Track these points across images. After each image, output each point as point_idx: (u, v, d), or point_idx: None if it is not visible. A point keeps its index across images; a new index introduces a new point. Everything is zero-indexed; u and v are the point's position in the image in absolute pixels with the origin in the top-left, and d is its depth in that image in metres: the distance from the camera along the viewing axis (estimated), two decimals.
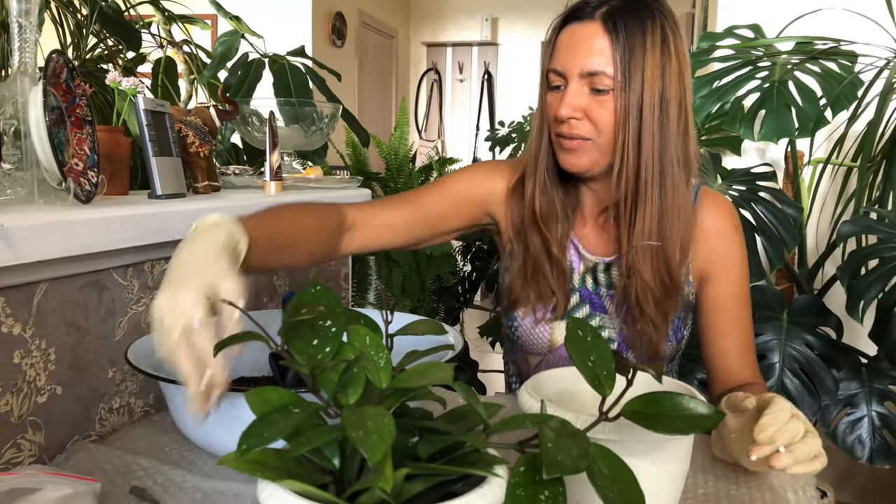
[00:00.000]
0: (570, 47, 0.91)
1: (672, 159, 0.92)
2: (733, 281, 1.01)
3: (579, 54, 0.90)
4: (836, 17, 2.14)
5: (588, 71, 0.90)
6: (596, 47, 0.89)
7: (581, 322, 0.57)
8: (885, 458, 1.64)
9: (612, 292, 1.02)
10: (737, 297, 1.02)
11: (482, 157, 6.10)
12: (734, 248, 1.02)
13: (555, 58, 0.93)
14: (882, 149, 1.91)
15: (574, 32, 0.92)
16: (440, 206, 1.05)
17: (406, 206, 1.03)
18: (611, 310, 1.02)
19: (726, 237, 1.01)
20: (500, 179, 1.07)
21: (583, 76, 0.91)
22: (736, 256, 1.02)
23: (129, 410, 1.00)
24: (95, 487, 0.67)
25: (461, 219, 1.07)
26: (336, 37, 4.85)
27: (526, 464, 0.45)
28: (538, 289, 1.01)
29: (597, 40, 0.89)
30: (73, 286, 0.89)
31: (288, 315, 0.51)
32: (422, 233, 1.04)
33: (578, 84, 0.91)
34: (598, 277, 1.03)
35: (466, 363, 2.06)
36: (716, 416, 0.50)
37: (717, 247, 1.01)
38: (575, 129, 0.92)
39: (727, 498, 0.78)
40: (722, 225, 1.01)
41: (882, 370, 1.69)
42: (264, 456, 0.45)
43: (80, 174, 0.92)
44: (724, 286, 1.01)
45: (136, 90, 1.07)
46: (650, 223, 0.93)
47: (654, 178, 0.92)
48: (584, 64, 0.90)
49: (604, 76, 0.89)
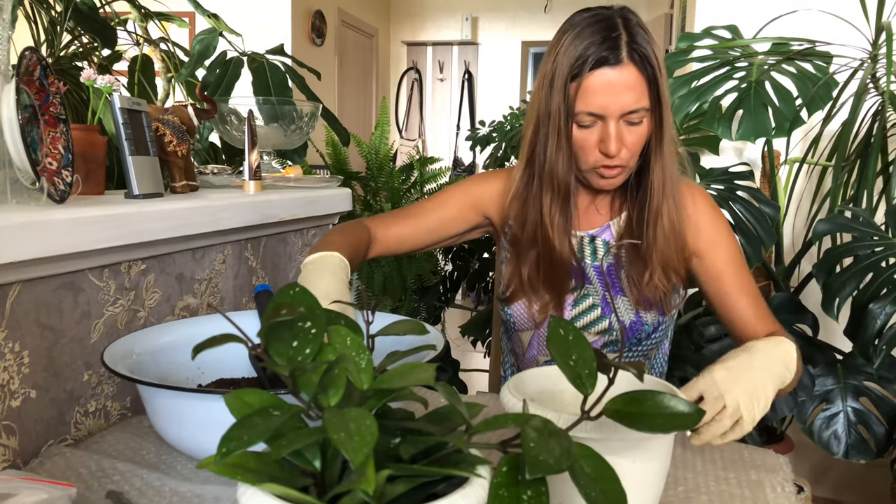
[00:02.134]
0: (609, 91, 0.96)
1: (673, 154, 1.05)
2: (725, 248, 1.09)
3: (619, 97, 0.96)
4: (811, 19, 2.17)
5: (630, 110, 0.97)
6: (633, 87, 0.96)
7: (562, 321, 0.57)
8: (860, 453, 1.67)
9: (597, 263, 1.11)
10: (734, 262, 1.09)
11: (463, 157, 6.10)
12: (717, 222, 1.10)
13: (588, 101, 0.97)
14: (856, 148, 1.94)
15: (608, 77, 0.95)
16: (441, 214, 1.17)
17: (412, 217, 1.17)
18: (594, 279, 1.11)
19: (707, 214, 1.10)
20: (491, 183, 1.18)
21: (623, 115, 0.97)
22: (721, 228, 1.10)
23: (106, 414, 0.99)
24: (71, 492, 0.66)
25: (461, 223, 1.19)
26: (316, 35, 4.82)
27: (508, 464, 0.45)
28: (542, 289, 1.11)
29: (632, 81, 0.96)
30: (47, 288, 0.87)
31: (267, 316, 0.50)
32: (429, 240, 1.18)
33: (616, 122, 0.98)
34: (583, 250, 1.12)
35: (448, 362, 2.06)
36: (696, 414, 0.50)
37: (701, 223, 1.09)
38: (617, 161, 1.00)
39: (707, 494, 0.79)
40: (701, 204, 1.10)
41: (857, 366, 1.72)
42: (244, 459, 0.45)
43: (54, 173, 0.91)
44: (718, 256, 1.09)
45: (112, 88, 1.06)
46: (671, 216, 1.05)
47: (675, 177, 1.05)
48: (625, 105, 0.96)
49: (643, 110, 0.97)
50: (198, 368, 0.94)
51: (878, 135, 1.80)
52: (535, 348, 1.16)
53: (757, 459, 0.89)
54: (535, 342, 1.15)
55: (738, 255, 1.10)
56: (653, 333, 1.10)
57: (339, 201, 1.54)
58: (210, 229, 1.12)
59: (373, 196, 2.01)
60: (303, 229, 1.50)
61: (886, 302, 1.44)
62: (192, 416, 0.74)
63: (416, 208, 1.19)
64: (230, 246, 1.26)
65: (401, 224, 1.16)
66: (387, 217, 1.17)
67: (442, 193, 1.20)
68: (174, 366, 0.91)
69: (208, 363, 0.95)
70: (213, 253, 1.21)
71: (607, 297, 1.10)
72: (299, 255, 1.49)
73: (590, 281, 1.11)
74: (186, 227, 1.07)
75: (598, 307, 1.10)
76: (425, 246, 1.19)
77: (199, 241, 1.14)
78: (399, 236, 1.15)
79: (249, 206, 1.22)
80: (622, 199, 1.11)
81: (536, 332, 1.14)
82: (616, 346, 1.11)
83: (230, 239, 1.24)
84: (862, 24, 1.94)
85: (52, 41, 1.77)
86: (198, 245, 1.15)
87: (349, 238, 1.05)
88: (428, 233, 1.17)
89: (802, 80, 1.81)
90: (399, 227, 1.16)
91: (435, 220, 1.17)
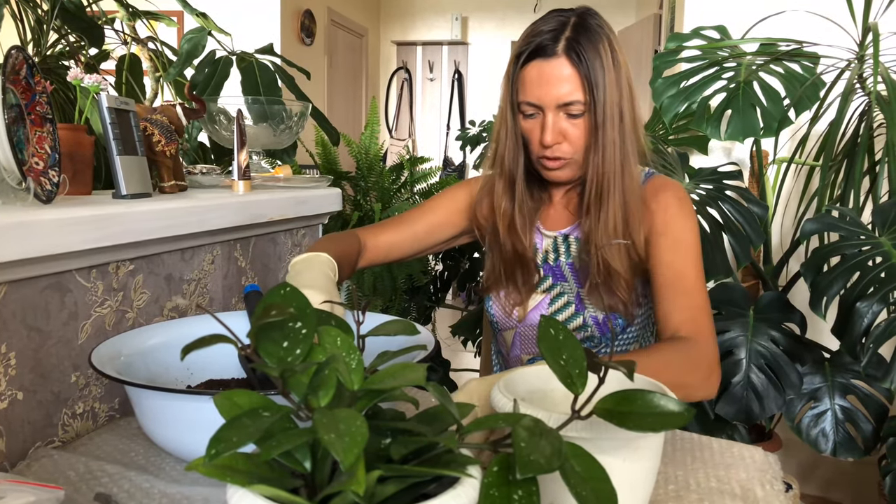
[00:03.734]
0: (542, 82, 1.00)
1: (629, 154, 1.04)
2: (671, 241, 1.03)
3: (552, 88, 1.00)
4: (799, 19, 2.18)
5: (564, 102, 1.00)
6: (566, 80, 0.99)
7: (552, 321, 0.57)
8: (848, 450, 1.68)
9: (571, 261, 1.13)
10: (677, 257, 1.02)
11: (453, 157, 6.10)
12: (675, 216, 1.05)
13: (527, 91, 1.02)
14: (843, 148, 1.96)
15: (542, 69, 1.00)
16: (428, 220, 1.20)
17: (401, 225, 1.19)
18: (569, 276, 1.13)
19: (663, 206, 1.06)
20: (475, 188, 1.20)
21: (559, 107, 1.01)
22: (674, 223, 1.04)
23: (94, 415, 0.98)
24: (59, 495, 0.65)
25: (450, 228, 1.22)
26: (305, 35, 4.81)
27: (499, 463, 0.45)
28: (509, 284, 1.15)
29: (566, 73, 0.99)
30: (34, 288, 0.87)
31: (257, 317, 0.50)
32: (417, 247, 1.21)
33: (555, 113, 1.01)
34: (558, 249, 1.14)
35: (438, 362, 2.06)
36: (686, 413, 0.50)
37: (657, 217, 1.06)
38: (557, 153, 1.03)
39: (697, 492, 0.79)
40: (663, 198, 1.07)
41: (844, 364, 1.73)
42: (234, 460, 0.44)
43: (41, 173, 0.90)
44: (661, 245, 1.04)
45: (99, 87, 1.05)
46: (615, 214, 1.04)
47: (617, 176, 1.03)
48: (558, 96, 1.00)
49: (578, 103, 1.00)
50: (187, 370, 0.94)
51: (864, 135, 1.81)
52: (517, 347, 1.17)
53: (746, 457, 0.89)
54: (518, 341, 1.17)
55: (685, 253, 1.03)
56: (627, 328, 1.11)
57: (329, 201, 1.54)
58: (199, 229, 1.12)
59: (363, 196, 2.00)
60: (292, 229, 1.50)
61: (873, 301, 1.45)
62: (181, 417, 0.73)
63: (405, 216, 1.21)
64: (219, 246, 1.25)
65: (389, 232, 1.18)
66: (375, 227, 1.20)
67: (429, 200, 1.23)
68: (163, 367, 0.90)
69: (197, 364, 0.95)
70: (202, 253, 1.21)
71: (581, 293, 1.11)
72: (289, 255, 1.49)
73: (565, 278, 1.13)
74: (175, 227, 1.06)
75: (573, 304, 1.12)
76: (415, 253, 1.22)
77: (187, 241, 1.14)
78: (388, 244, 1.17)
79: (239, 206, 1.22)
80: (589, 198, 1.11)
81: (517, 331, 1.16)
82: (592, 342, 1.12)
83: (219, 239, 1.24)
84: (849, 25, 1.96)
85: (38, 40, 1.75)
86: (187, 245, 1.15)
87: (339, 246, 1.06)
88: (416, 240, 1.19)
89: (790, 80, 1.83)
90: (388, 235, 1.18)
91: (423, 227, 1.19)
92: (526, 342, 1.17)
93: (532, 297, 1.14)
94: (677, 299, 1.00)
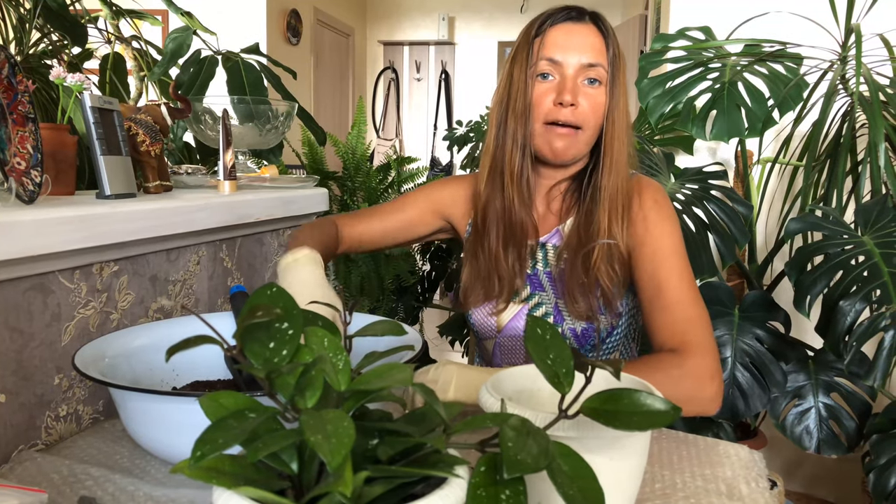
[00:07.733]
0: (570, 40, 1.01)
1: (628, 154, 1.05)
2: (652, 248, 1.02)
3: (580, 46, 1.01)
4: (782, 21, 2.20)
5: (588, 62, 1.01)
6: (593, 44, 1.01)
7: (540, 320, 0.57)
8: (831, 448, 1.70)
9: (549, 270, 1.10)
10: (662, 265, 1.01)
11: (440, 156, 6.10)
12: (649, 221, 1.03)
13: (550, 49, 1.02)
14: (826, 148, 1.98)
15: (571, 29, 1.02)
16: (402, 217, 1.19)
17: (375, 217, 1.19)
18: (547, 286, 1.11)
19: (642, 214, 1.04)
20: (454, 188, 1.20)
21: (582, 67, 1.01)
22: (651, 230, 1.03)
23: (77, 418, 0.97)
24: (43, 498, 0.65)
25: (422, 227, 1.21)
26: (291, 34, 4.79)
27: (486, 463, 0.45)
28: (487, 288, 1.11)
29: (594, 38, 1.02)
30: (16, 290, 0.86)
31: (243, 318, 0.50)
32: (388, 241, 1.20)
33: (575, 74, 1.01)
34: (535, 256, 1.12)
35: (426, 363, 2.06)
36: (673, 411, 0.50)
37: (636, 226, 1.04)
38: (570, 117, 1.01)
39: (683, 490, 0.79)
40: (641, 203, 1.05)
41: (827, 362, 1.75)
42: (219, 462, 0.44)
43: (23, 173, 0.89)
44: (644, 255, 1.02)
45: (82, 87, 1.04)
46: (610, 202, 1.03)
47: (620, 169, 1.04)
48: (584, 55, 1.01)
49: (601, 68, 1.01)
50: (172, 371, 0.93)
51: (847, 135, 1.83)
52: (498, 357, 1.15)
53: (731, 455, 0.90)
54: (498, 351, 1.15)
55: (664, 262, 1.00)
56: (607, 338, 1.10)
57: (316, 201, 1.53)
58: (184, 230, 1.11)
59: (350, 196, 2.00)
60: (279, 230, 1.49)
61: (856, 299, 1.47)
62: (167, 419, 0.73)
63: (381, 209, 1.20)
64: (205, 247, 1.24)
65: (364, 223, 1.18)
66: (353, 216, 1.20)
67: (406, 196, 1.22)
68: (148, 368, 0.89)
69: (183, 366, 0.94)
70: (188, 254, 1.20)
71: (559, 304, 1.09)
72: (275, 255, 1.48)
73: (543, 288, 1.10)
74: (160, 227, 1.05)
75: (551, 315, 1.09)
76: (385, 246, 1.22)
77: (173, 241, 1.13)
78: (360, 235, 1.17)
79: (224, 206, 1.21)
80: (571, 202, 1.10)
81: (497, 341, 1.14)
82: None
83: (205, 240, 1.23)
84: (832, 26, 1.98)
85: (20, 38, 1.73)
86: (172, 246, 1.14)
87: (320, 236, 1.06)
88: (386, 234, 1.19)
89: (774, 81, 1.84)
90: (362, 226, 1.17)
91: (396, 223, 1.19)
92: (507, 353, 1.14)
93: (510, 306, 1.11)
94: (658, 316, 0.98)
